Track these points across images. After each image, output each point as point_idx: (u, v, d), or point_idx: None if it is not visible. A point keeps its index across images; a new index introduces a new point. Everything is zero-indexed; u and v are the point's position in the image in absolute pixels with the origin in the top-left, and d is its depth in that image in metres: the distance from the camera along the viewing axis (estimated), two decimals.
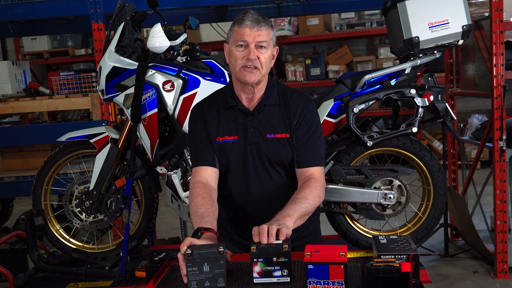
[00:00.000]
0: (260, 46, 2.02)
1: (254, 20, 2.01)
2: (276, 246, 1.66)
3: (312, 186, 2.05)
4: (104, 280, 2.71)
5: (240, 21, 2.03)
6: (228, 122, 2.14)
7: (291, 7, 4.22)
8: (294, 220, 1.87)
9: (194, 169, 2.14)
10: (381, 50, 7.24)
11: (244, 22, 2.01)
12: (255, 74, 2.04)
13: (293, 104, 2.14)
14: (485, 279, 3.75)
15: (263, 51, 2.03)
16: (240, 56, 2.03)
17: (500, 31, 3.53)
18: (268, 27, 2.05)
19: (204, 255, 1.64)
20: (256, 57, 2.02)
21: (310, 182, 2.07)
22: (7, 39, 8.78)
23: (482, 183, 4.28)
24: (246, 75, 2.04)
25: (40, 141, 3.88)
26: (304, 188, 2.05)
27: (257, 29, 2.01)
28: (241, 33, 2.01)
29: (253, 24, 2.00)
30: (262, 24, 2.02)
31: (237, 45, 2.03)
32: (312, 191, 2.03)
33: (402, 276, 1.50)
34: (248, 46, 2.02)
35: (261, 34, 2.02)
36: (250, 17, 2.02)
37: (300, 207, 1.94)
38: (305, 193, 2.01)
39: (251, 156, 2.12)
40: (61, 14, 3.81)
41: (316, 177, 2.10)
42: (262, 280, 1.66)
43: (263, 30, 2.02)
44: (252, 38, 2.01)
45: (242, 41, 2.02)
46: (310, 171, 2.11)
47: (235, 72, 2.07)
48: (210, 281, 1.65)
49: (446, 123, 2.84)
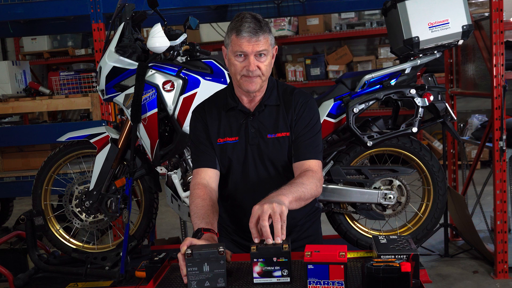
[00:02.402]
0: (260, 55, 1.99)
1: (252, 30, 1.95)
2: (276, 246, 1.66)
3: (309, 175, 2.01)
4: (104, 280, 2.71)
5: (237, 30, 1.97)
6: (229, 124, 2.14)
7: (291, 7, 4.22)
8: (290, 200, 1.82)
9: (195, 170, 2.14)
10: (381, 50, 7.24)
11: (242, 34, 1.95)
12: (256, 82, 2.02)
13: (293, 101, 2.13)
14: (485, 279, 3.75)
15: (263, 59, 2.00)
16: (240, 67, 2.00)
17: (500, 31, 3.53)
18: (266, 34, 1.99)
19: (204, 255, 1.64)
20: (256, 67, 1.99)
21: (307, 173, 2.03)
22: (7, 39, 8.78)
23: (482, 183, 4.28)
24: (247, 85, 2.02)
25: (40, 141, 3.88)
26: (300, 176, 2.01)
27: (255, 39, 1.96)
28: (239, 44, 1.97)
29: (251, 35, 1.95)
30: (260, 33, 1.96)
31: (236, 55, 2.00)
32: (308, 179, 1.98)
33: (402, 276, 1.50)
34: (248, 56, 1.98)
35: (260, 43, 1.97)
36: (247, 27, 1.95)
37: (296, 189, 1.89)
38: (301, 179, 1.97)
39: (252, 156, 2.12)
40: (61, 14, 3.80)
41: (314, 169, 2.06)
42: (262, 280, 1.66)
43: (261, 40, 1.97)
44: (251, 49, 1.96)
45: (241, 52, 1.98)
46: (308, 164, 2.07)
47: (236, 80, 2.05)
48: (210, 281, 1.65)
49: (446, 123, 2.84)
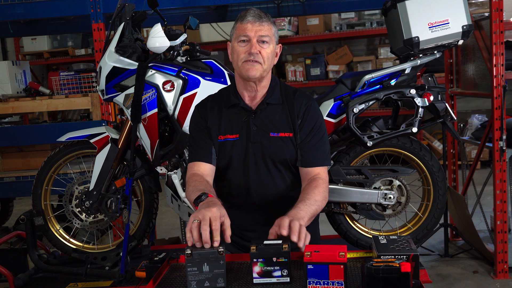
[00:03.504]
0: (262, 41, 2.04)
1: (256, 15, 2.04)
2: (276, 246, 1.66)
3: (320, 187, 2.05)
4: (104, 280, 2.71)
5: (242, 17, 2.06)
6: (230, 121, 2.14)
7: (291, 7, 4.22)
8: (305, 223, 1.87)
9: (191, 164, 2.14)
10: (381, 50, 7.24)
11: (246, 18, 2.04)
12: (257, 68, 2.04)
13: (296, 104, 2.14)
14: (485, 279, 3.74)
15: (265, 46, 2.05)
16: (243, 51, 2.04)
17: (500, 31, 3.52)
18: (270, 23, 2.07)
19: (204, 255, 1.64)
20: (258, 52, 2.03)
21: (317, 182, 2.06)
22: (7, 39, 8.78)
23: (482, 183, 4.28)
24: (248, 69, 2.04)
25: (40, 141, 3.88)
26: (312, 188, 2.04)
27: (259, 23, 2.03)
28: (243, 28, 2.04)
29: (255, 19, 2.03)
30: (264, 19, 2.05)
31: (239, 41, 2.05)
32: (320, 193, 2.03)
33: (402, 276, 1.50)
34: (250, 40, 2.03)
35: (263, 28, 2.03)
36: (252, 13, 2.05)
37: (310, 209, 1.94)
38: (314, 194, 2.01)
39: (253, 155, 2.11)
40: (61, 14, 3.80)
41: (322, 177, 2.10)
42: (262, 280, 1.66)
43: (265, 25, 2.04)
44: (254, 33, 2.02)
45: (244, 36, 2.03)
46: (316, 171, 2.11)
47: (238, 67, 2.08)
48: (210, 281, 1.64)
49: (446, 123, 2.84)
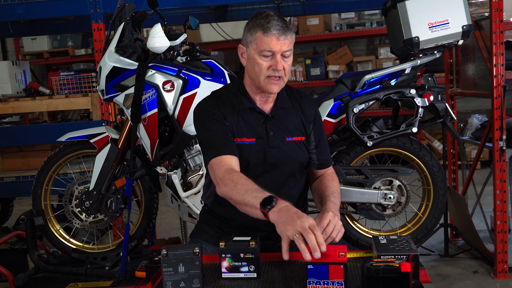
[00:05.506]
0: (285, 56, 1.96)
1: (281, 28, 1.90)
2: (243, 243, 1.70)
3: (336, 179, 2.14)
4: (104, 280, 2.72)
5: (265, 28, 1.91)
6: (245, 124, 2.05)
7: (291, 7, 4.22)
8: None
9: (215, 160, 1.93)
10: (381, 50, 7.24)
11: (271, 31, 1.90)
12: (280, 85, 1.99)
13: (306, 108, 2.12)
14: (485, 279, 3.74)
15: (287, 59, 1.96)
16: (266, 66, 1.94)
17: (500, 31, 3.52)
18: (292, 33, 1.95)
19: (179, 255, 1.65)
20: (282, 68, 1.95)
21: (332, 175, 2.16)
22: (7, 39, 8.77)
23: (482, 183, 4.27)
24: (271, 87, 1.97)
25: (40, 141, 3.88)
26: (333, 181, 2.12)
27: (283, 38, 1.91)
28: (267, 42, 1.91)
29: (280, 33, 1.90)
30: (288, 32, 1.92)
31: (262, 55, 1.93)
32: (338, 185, 2.12)
33: (402, 276, 1.50)
34: (274, 56, 1.92)
35: (287, 43, 1.92)
36: (276, 24, 1.90)
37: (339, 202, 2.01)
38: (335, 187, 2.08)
39: (271, 159, 2.05)
40: (61, 14, 3.81)
41: (332, 170, 2.22)
42: (230, 275, 1.71)
43: (289, 38, 1.93)
44: (279, 48, 1.91)
45: (268, 52, 1.92)
46: (330, 169, 2.21)
47: (258, 80, 1.98)
48: (185, 281, 1.65)
49: (446, 123, 2.84)
